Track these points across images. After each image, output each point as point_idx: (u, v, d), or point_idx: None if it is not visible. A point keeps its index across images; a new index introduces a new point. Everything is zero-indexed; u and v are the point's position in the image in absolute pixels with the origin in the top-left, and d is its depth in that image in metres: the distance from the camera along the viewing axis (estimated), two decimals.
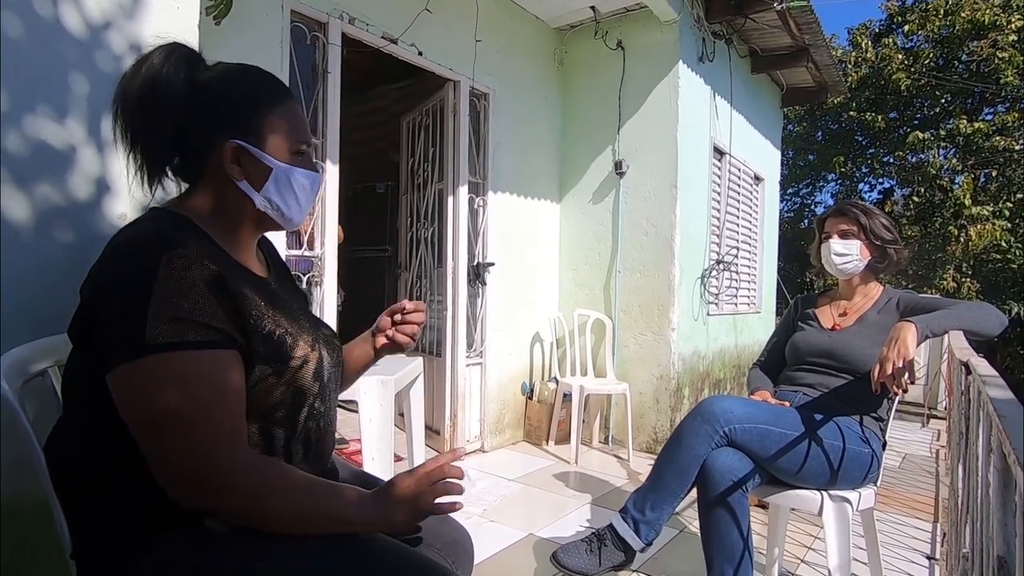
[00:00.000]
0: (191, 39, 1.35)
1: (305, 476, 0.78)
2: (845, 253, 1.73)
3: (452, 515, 1.04)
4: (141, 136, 0.80)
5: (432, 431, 3.32)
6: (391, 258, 4.48)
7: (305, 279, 2.40)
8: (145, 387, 0.69)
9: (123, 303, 0.70)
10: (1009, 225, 8.59)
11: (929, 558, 2.22)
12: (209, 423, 0.71)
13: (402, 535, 0.86)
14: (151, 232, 0.76)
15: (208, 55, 0.89)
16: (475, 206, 3.36)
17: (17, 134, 1.07)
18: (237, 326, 0.76)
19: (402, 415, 2.24)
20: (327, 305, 2.47)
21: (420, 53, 2.88)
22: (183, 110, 0.80)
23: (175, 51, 0.81)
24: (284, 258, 1.10)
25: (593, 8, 3.53)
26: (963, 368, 1.25)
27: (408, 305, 1.09)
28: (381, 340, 1.11)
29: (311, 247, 2.43)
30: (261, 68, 0.88)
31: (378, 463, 1.71)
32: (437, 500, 0.79)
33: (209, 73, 0.83)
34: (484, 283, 3.36)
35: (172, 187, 0.92)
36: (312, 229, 2.44)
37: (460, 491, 0.81)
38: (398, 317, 1.11)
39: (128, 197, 1.24)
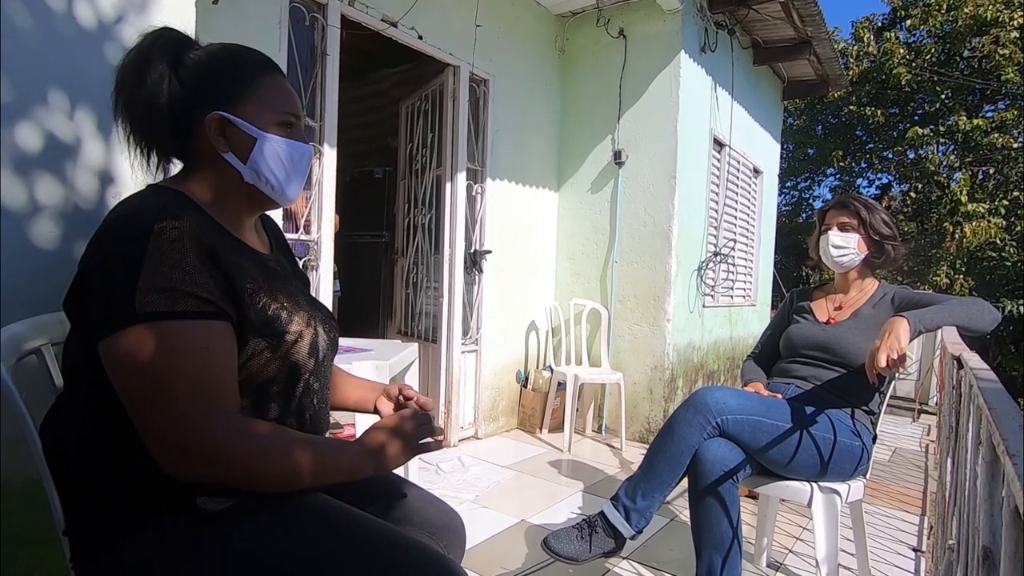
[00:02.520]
0: (187, 17, 1.34)
1: (293, 434, 0.79)
2: (843, 246, 1.74)
3: (444, 500, 1.06)
4: (135, 120, 0.82)
5: None
6: (388, 244, 4.47)
7: (301, 263, 2.39)
8: (133, 357, 0.69)
9: (114, 273, 0.71)
10: (1004, 223, 8.62)
11: (915, 550, 2.25)
12: (197, 393, 0.71)
13: (393, 469, 0.86)
14: (146, 205, 0.77)
15: (205, 36, 0.89)
16: (473, 193, 3.34)
17: (14, 117, 1.07)
18: (230, 299, 0.76)
19: None
20: (323, 289, 2.46)
21: (420, 37, 2.85)
22: (170, 91, 0.81)
23: (162, 34, 0.83)
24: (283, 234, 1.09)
25: None
26: (955, 362, 1.26)
27: (421, 399, 1.05)
28: (386, 406, 1.06)
29: (307, 231, 2.42)
30: (248, 46, 0.89)
31: None
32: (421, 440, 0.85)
33: (196, 53, 0.84)
34: (481, 271, 3.36)
35: (174, 170, 0.92)
36: (309, 213, 2.43)
37: (436, 430, 0.88)
38: (401, 399, 1.07)
39: (127, 181, 1.23)
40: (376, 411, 1.06)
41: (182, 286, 0.71)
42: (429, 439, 0.87)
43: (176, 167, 0.90)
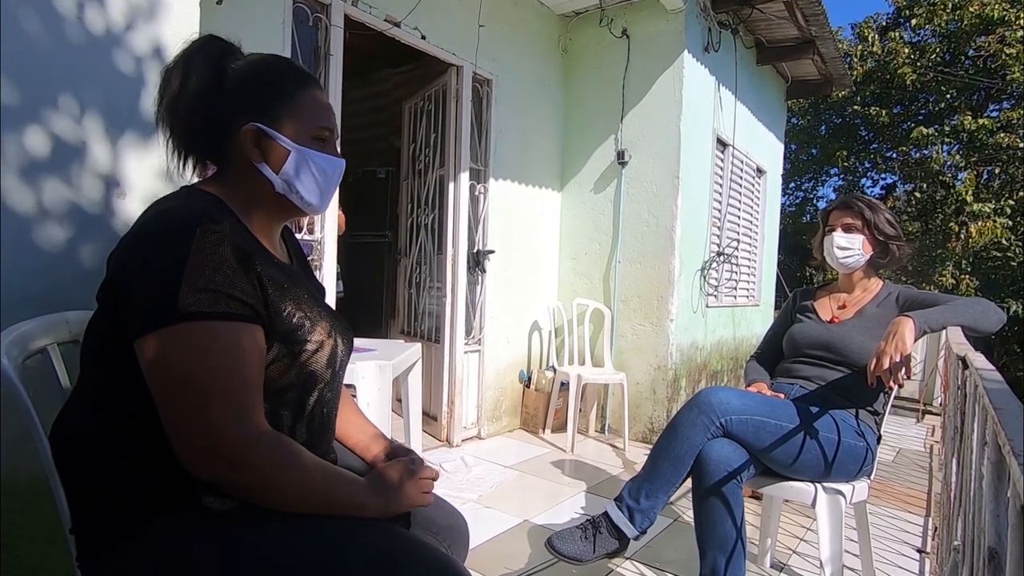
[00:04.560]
0: (192, 20, 1.34)
1: (313, 457, 0.79)
2: (847, 247, 1.73)
3: (448, 500, 1.06)
4: (177, 124, 0.84)
5: (429, 417, 3.33)
6: (391, 244, 4.48)
7: None
8: (173, 353, 0.71)
9: (157, 273, 0.72)
10: (1010, 223, 8.58)
11: (920, 551, 2.24)
12: (230, 394, 0.72)
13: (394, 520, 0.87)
14: (186, 207, 0.78)
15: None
16: (476, 193, 3.35)
17: (22, 120, 1.07)
18: (263, 303, 0.78)
19: (400, 401, 2.24)
20: (327, 289, 2.46)
21: (423, 37, 2.85)
22: (212, 98, 0.83)
23: (209, 42, 0.85)
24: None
25: None
26: (960, 363, 1.25)
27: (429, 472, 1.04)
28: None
29: (311, 231, 2.43)
30: (284, 57, 0.92)
31: None
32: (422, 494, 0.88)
33: (236, 65, 0.86)
34: (484, 270, 3.36)
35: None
36: None
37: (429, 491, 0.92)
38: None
39: (134, 184, 1.24)
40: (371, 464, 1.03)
41: (223, 288, 0.72)
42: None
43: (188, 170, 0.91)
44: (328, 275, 2.47)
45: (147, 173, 1.27)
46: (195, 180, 0.91)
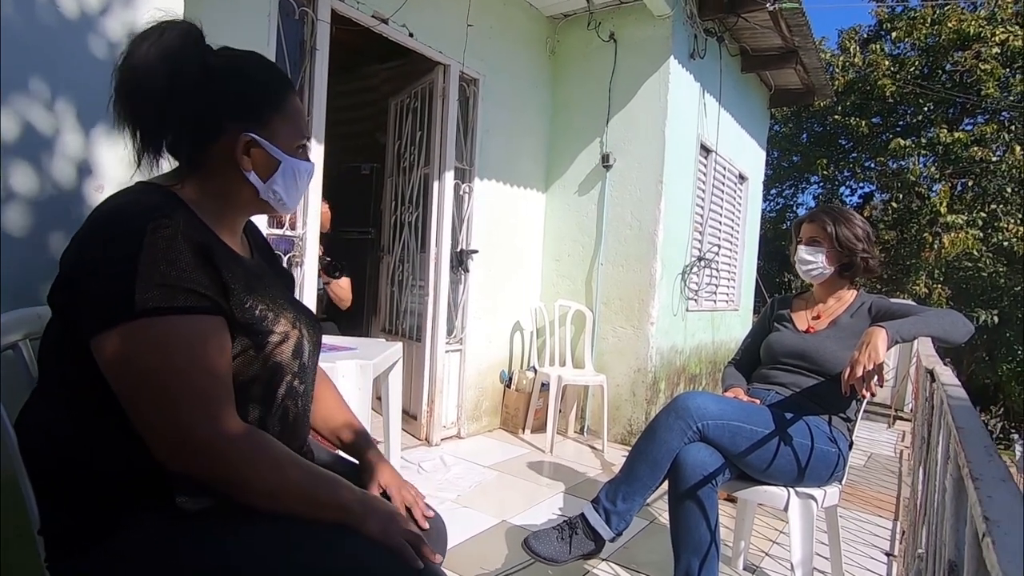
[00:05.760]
0: (175, 8, 1.32)
1: (290, 453, 0.78)
2: (810, 260, 1.76)
3: (425, 499, 1.06)
4: (148, 118, 0.79)
5: (409, 416, 3.32)
6: (374, 241, 4.45)
7: (286, 259, 2.37)
8: (134, 351, 0.70)
9: (110, 269, 0.71)
10: (981, 235, 8.81)
11: (888, 555, 2.29)
12: (195, 388, 0.71)
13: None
14: (138, 202, 0.77)
15: None
16: (460, 192, 3.34)
17: None
18: (223, 295, 0.77)
19: (380, 399, 2.23)
20: (308, 285, 2.44)
21: (411, 34, 2.84)
22: (194, 94, 0.79)
23: (191, 32, 0.80)
24: (265, 237, 1.08)
25: None
26: (928, 375, 1.28)
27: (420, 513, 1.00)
28: (375, 487, 0.98)
29: (292, 227, 2.40)
30: (265, 56, 0.90)
31: None
32: (406, 532, 0.80)
33: (219, 59, 0.83)
34: (467, 270, 3.35)
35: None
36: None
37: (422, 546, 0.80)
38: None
39: (106, 172, 1.21)
40: (360, 459, 1.03)
41: (179, 282, 0.71)
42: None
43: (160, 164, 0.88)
44: (310, 271, 2.44)
45: (122, 164, 1.24)
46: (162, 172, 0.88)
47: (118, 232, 0.73)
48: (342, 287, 3.05)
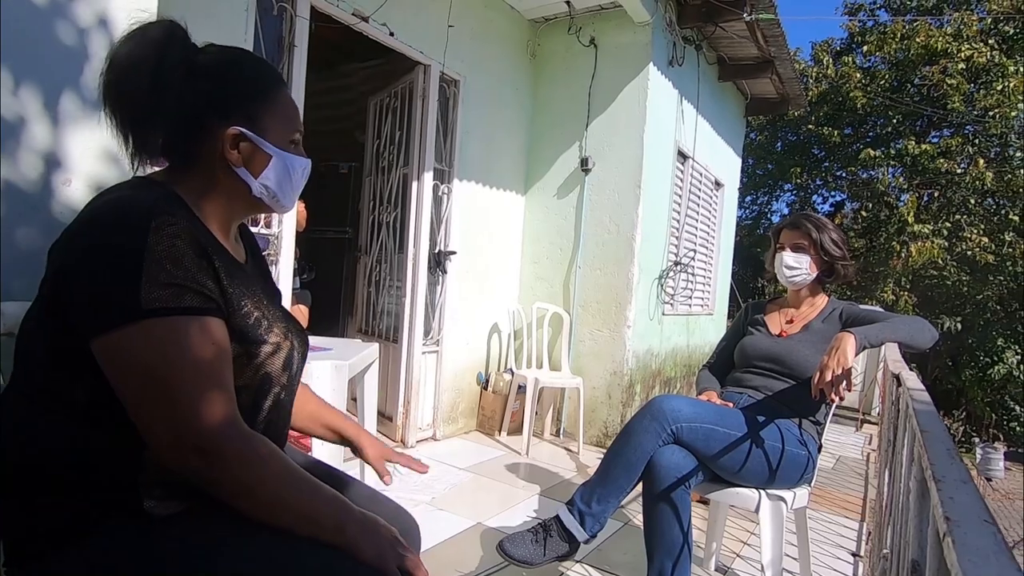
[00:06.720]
0: (149, 3, 1.29)
1: (297, 467, 0.76)
2: (795, 266, 1.80)
3: (401, 501, 1.05)
4: (134, 112, 0.78)
5: (385, 417, 3.29)
6: (351, 240, 4.41)
7: None
8: (142, 351, 0.68)
9: (113, 268, 0.69)
10: (946, 244, 9.08)
11: (854, 555, 2.35)
12: (201, 389, 0.70)
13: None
14: (138, 198, 0.74)
15: None
16: (439, 193, 3.33)
17: None
18: (222, 298, 0.76)
19: (355, 400, 2.21)
20: (283, 285, 2.41)
21: (391, 33, 2.82)
22: (183, 91, 0.78)
23: (175, 31, 0.79)
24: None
25: (568, 3, 3.54)
26: (895, 380, 1.32)
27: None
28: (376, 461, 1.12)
29: (268, 225, 2.37)
30: (254, 53, 0.90)
31: (326, 448, 1.68)
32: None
33: (207, 56, 0.82)
34: (444, 271, 3.34)
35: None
36: None
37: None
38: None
39: (74, 164, 1.18)
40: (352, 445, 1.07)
41: (185, 282, 0.70)
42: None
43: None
44: (285, 271, 2.41)
45: (92, 156, 1.21)
46: (152, 170, 0.86)
47: (119, 228, 0.70)
48: (302, 312, 3.03)
